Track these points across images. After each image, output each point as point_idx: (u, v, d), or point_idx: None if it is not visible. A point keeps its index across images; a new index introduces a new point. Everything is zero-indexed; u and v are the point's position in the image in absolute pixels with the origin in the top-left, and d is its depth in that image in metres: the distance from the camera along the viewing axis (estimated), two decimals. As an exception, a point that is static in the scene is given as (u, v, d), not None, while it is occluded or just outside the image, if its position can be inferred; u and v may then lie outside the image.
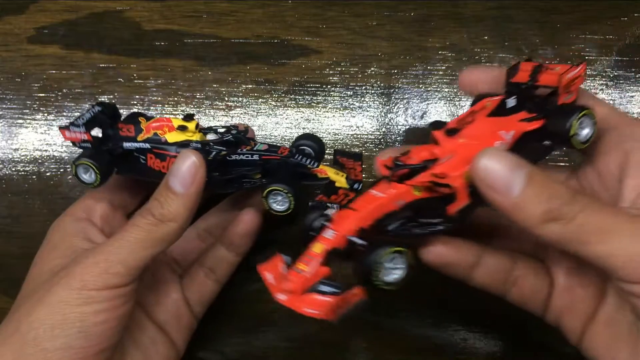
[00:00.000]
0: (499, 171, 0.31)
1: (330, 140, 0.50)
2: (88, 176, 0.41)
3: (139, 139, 0.41)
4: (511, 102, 0.37)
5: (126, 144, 0.42)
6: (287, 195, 0.39)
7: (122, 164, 0.42)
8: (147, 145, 0.41)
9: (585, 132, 0.35)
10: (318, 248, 0.34)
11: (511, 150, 0.36)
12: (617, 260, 0.30)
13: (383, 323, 0.51)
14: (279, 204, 0.40)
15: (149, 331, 0.42)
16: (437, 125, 0.36)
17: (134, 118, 0.43)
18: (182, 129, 0.41)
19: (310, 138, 0.44)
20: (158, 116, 0.42)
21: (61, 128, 0.42)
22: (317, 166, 0.41)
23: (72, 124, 0.42)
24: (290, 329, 0.51)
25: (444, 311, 0.50)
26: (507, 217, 0.32)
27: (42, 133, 0.51)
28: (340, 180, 0.40)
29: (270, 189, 0.40)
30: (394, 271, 0.33)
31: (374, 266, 0.32)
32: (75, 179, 0.42)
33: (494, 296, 0.39)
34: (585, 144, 0.35)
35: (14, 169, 0.51)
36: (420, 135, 0.50)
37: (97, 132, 0.42)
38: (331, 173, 0.41)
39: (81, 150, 0.42)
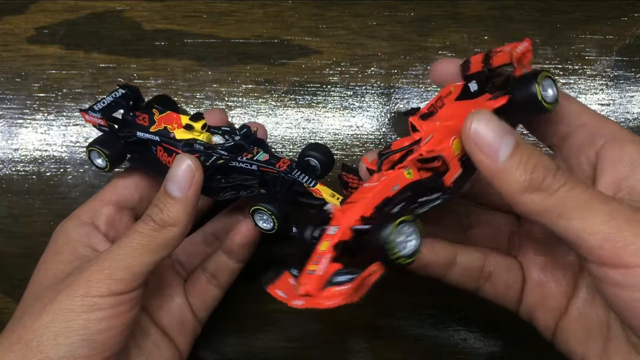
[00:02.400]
0: (488, 133, 0.31)
1: (330, 140, 0.50)
2: (101, 161, 0.42)
3: (151, 130, 0.42)
4: (473, 85, 0.38)
5: (139, 133, 0.42)
6: (270, 215, 0.39)
7: (135, 152, 0.43)
8: (157, 138, 0.41)
9: (550, 92, 0.35)
10: (324, 246, 0.33)
11: None
12: (593, 239, 0.30)
13: (383, 323, 0.51)
14: (265, 222, 0.40)
15: (152, 335, 0.42)
16: (412, 112, 0.36)
17: (151, 106, 0.43)
18: (189, 128, 0.41)
19: (318, 150, 0.42)
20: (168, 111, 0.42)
21: (81, 110, 0.43)
22: (314, 185, 0.39)
23: (90, 108, 0.42)
24: (290, 329, 0.51)
25: (444, 311, 0.50)
26: (491, 183, 0.32)
27: (42, 133, 0.51)
28: (335, 203, 0.38)
29: (254, 207, 0.39)
30: (408, 243, 0.31)
31: (387, 241, 0.30)
32: (89, 162, 0.43)
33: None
34: (555, 104, 0.35)
35: (14, 169, 0.51)
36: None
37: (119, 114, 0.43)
38: (326, 194, 0.39)
39: (101, 132, 0.43)
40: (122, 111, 0.43)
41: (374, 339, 0.51)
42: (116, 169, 0.43)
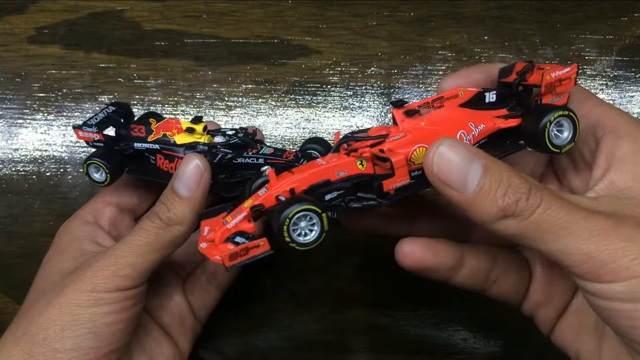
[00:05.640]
0: (452, 165, 0.30)
1: (330, 140, 0.50)
2: (99, 175, 0.42)
3: (149, 139, 0.42)
4: (490, 96, 0.35)
5: (137, 144, 0.42)
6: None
7: (132, 164, 0.43)
8: (157, 146, 0.41)
9: (564, 135, 0.33)
10: (247, 203, 0.34)
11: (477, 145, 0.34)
12: (570, 259, 0.30)
13: (383, 323, 0.51)
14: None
15: (153, 333, 0.42)
16: (400, 104, 0.34)
17: (145, 118, 0.43)
18: (190, 131, 0.41)
19: (318, 142, 0.43)
20: (167, 117, 0.42)
21: (75, 127, 0.42)
22: None
23: (85, 123, 0.42)
24: (290, 329, 0.51)
25: (444, 311, 0.50)
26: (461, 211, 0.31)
27: (42, 133, 0.51)
28: None
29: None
30: (309, 233, 0.31)
31: (285, 220, 0.30)
32: (87, 177, 0.42)
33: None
34: (562, 150, 0.33)
35: (14, 169, 0.51)
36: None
37: (110, 131, 0.43)
38: None
39: (93, 149, 0.43)
40: (113, 128, 0.43)
41: (374, 338, 0.51)
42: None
